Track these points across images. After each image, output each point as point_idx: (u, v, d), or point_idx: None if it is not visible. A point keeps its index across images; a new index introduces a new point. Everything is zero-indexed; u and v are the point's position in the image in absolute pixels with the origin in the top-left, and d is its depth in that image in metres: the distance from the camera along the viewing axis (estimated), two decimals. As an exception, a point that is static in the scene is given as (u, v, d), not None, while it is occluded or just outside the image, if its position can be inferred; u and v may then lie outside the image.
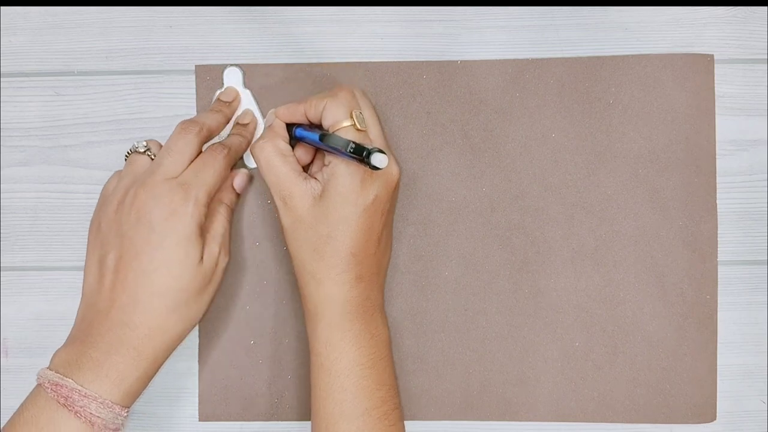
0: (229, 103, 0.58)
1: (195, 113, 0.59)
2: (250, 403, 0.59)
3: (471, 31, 0.59)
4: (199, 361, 0.59)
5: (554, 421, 0.58)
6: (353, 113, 0.52)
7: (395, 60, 0.59)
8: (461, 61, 0.59)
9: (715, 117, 0.58)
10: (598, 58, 0.58)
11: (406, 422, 0.58)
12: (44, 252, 0.60)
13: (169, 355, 0.53)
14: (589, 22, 0.59)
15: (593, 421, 0.58)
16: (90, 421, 0.49)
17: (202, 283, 0.53)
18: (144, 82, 0.60)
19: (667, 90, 0.58)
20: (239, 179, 0.58)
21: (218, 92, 0.59)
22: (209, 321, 0.59)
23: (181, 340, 0.54)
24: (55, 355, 0.52)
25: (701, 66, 0.58)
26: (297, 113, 0.55)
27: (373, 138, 0.54)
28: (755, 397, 0.59)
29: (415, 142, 0.59)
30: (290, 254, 0.54)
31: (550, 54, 0.59)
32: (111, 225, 0.53)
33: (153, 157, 0.55)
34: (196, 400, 0.59)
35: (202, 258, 0.53)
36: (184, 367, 0.59)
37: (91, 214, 0.58)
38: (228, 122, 0.58)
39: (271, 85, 0.59)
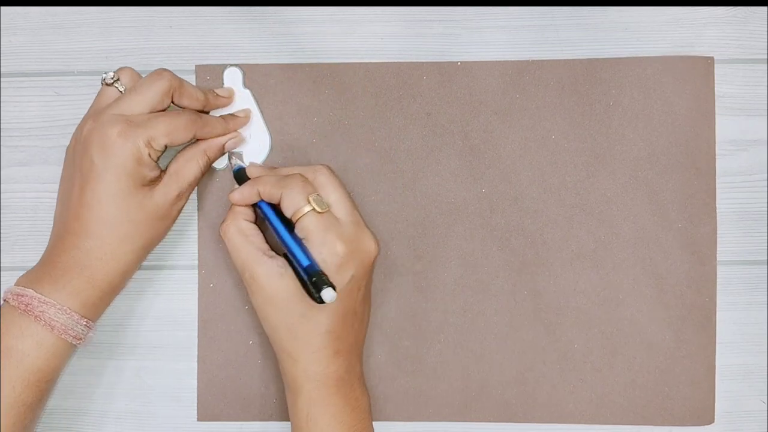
0: (220, 96, 0.58)
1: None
2: (248, 403, 0.59)
3: (471, 31, 0.59)
4: (197, 361, 0.59)
5: (553, 422, 0.58)
6: (310, 198, 0.52)
7: (395, 60, 0.59)
8: (461, 62, 0.59)
9: (714, 120, 0.58)
10: (598, 60, 0.58)
11: (404, 423, 0.59)
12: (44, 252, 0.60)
13: (127, 280, 0.56)
14: (589, 22, 0.59)
15: (591, 423, 0.58)
16: (50, 325, 0.51)
17: (152, 215, 0.54)
18: (144, 82, 0.60)
19: (667, 92, 0.58)
20: (231, 142, 0.58)
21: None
22: (208, 321, 0.59)
23: (136, 267, 0.56)
24: (23, 275, 0.54)
25: (701, 68, 0.58)
26: (251, 197, 0.55)
27: (342, 216, 0.53)
28: (755, 398, 0.59)
29: (414, 143, 0.59)
30: (266, 332, 0.55)
31: (550, 54, 0.59)
32: (70, 155, 0.55)
33: (122, 90, 0.55)
34: (195, 400, 0.59)
35: (153, 194, 0.54)
36: (183, 367, 0.60)
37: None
38: (202, 107, 0.57)
39: (271, 85, 0.59)
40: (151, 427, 0.60)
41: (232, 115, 0.58)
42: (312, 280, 0.50)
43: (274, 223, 0.54)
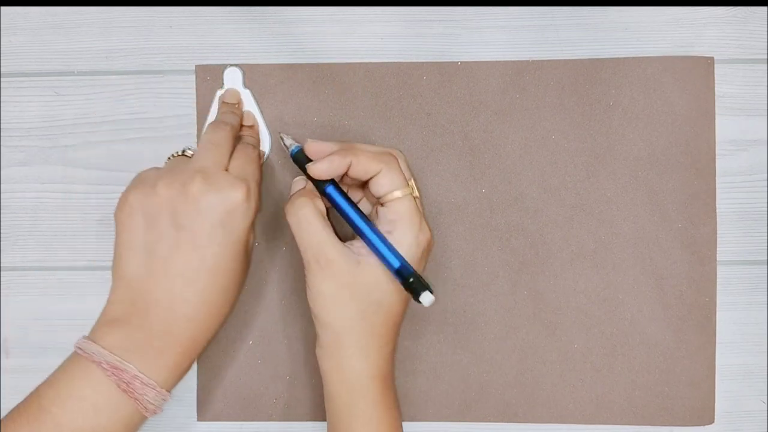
0: (235, 105, 0.58)
1: (195, 113, 0.59)
2: (248, 403, 0.59)
3: (471, 31, 0.59)
4: (198, 361, 0.59)
5: (552, 422, 0.58)
6: (410, 181, 0.52)
7: (395, 60, 0.59)
8: (461, 62, 0.59)
9: (715, 120, 0.58)
10: (598, 60, 0.58)
11: (404, 423, 0.59)
12: (44, 252, 0.60)
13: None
14: (589, 22, 0.59)
15: (591, 423, 0.58)
16: (145, 408, 0.49)
17: (246, 270, 0.54)
18: (144, 82, 0.60)
19: (667, 92, 0.58)
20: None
21: (218, 92, 0.59)
22: (209, 321, 0.59)
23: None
24: (102, 332, 0.50)
25: (701, 69, 0.58)
26: (339, 167, 0.52)
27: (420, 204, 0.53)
28: (755, 398, 0.59)
29: (414, 143, 0.59)
30: (323, 323, 0.52)
31: (550, 54, 0.59)
32: (161, 210, 0.50)
33: (190, 155, 0.55)
34: (195, 400, 0.59)
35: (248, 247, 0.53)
36: (184, 368, 0.60)
37: (91, 214, 0.58)
38: (241, 122, 0.58)
39: (271, 85, 0.59)
40: (151, 427, 0.60)
41: (248, 127, 0.59)
42: (410, 283, 0.49)
43: (349, 213, 0.52)
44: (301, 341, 0.59)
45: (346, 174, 0.52)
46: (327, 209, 0.53)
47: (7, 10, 0.60)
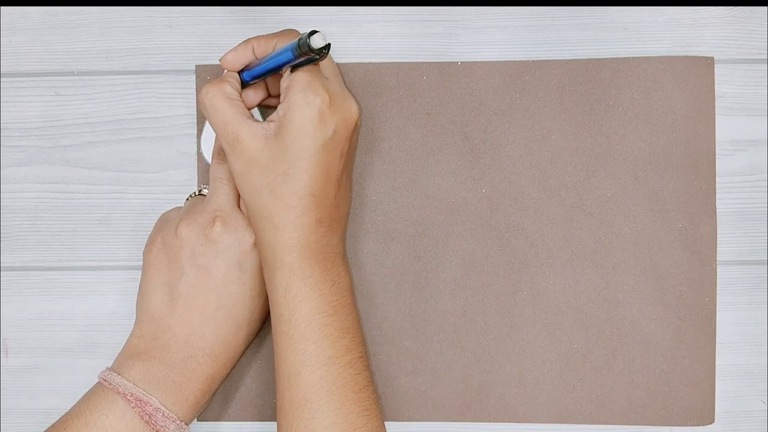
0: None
1: (195, 113, 0.59)
2: (248, 403, 0.59)
3: (471, 32, 0.59)
4: (198, 361, 0.59)
5: (552, 422, 0.58)
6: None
7: (395, 60, 0.59)
8: (461, 62, 0.59)
9: (714, 120, 0.58)
10: (598, 60, 0.58)
11: (404, 423, 0.59)
12: (44, 252, 0.60)
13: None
14: (589, 22, 0.59)
15: (591, 423, 0.58)
16: None
17: (264, 311, 0.56)
18: (144, 82, 0.60)
19: (667, 92, 0.58)
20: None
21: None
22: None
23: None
24: (126, 365, 0.53)
25: (701, 68, 0.58)
26: (245, 55, 0.54)
27: (328, 74, 0.53)
28: (755, 398, 0.59)
29: (414, 143, 0.59)
30: (244, 201, 0.53)
31: (550, 54, 0.59)
32: (183, 251, 0.54)
33: (205, 193, 0.58)
34: (196, 400, 0.60)
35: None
36: (184, 368, 0.60)
37: (91, 214, 0.58)
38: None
39: (271, 85, 0.59)
40: (151, 427, 0.60)
41: None
42: (299, 43, 0.48)
43: (261, 68, 0.53)
44: (301, 341, 0.59)
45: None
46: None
47: (7, 10, 0.60)
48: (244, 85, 0.55)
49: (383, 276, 0.59)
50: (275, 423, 0.59)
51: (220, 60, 0.54)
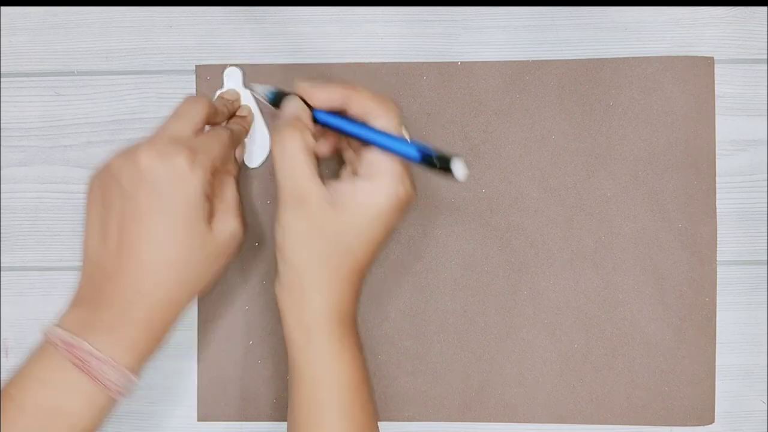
0: (231, 101, 0.58)
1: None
2: (248, 403, 0.59)
3: (471, 32, 0.59)
4: (197, 361, 0.59)
5: (552, 422, 0.58)
6: (403, 128, 0.51)
7: (395, 60, 0.59)
8: (461, 62, 0.59)
9: (715, 120, 0.58)
10: (598, 60, 0.58)
11: (404, 423, 0.59)
12: (44, 252, 0.60)
13: (176, 325, 0.52)
14: (589, 22, 0.59)
15: (591, 423, 0.58)
16: (105, 385, 0.48)
17: (213, 254, 0.51)
18: (144, 82, 0.60)
19: (667, 92, 0.58)
20: (239, 151, 0.57)
21: (218, 92, 0.59)
22: (208, 321, 0.59)
23: (186, 310, 0.52)
24: (64, 313, 0.50)
25: (701, 68, 0.58)
26: (333, 98, 0.51)
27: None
28: (755, 398, 0.59)
29: (414, 143, 0.59)
30: (288, 260, 0.51)
31: (550, 54, 0.59)
32: (112, 182, 0.50)
33: None
34: (195, 400, 0.59)
35: (212, 228, 0.51)
36: (183, 367, 0.60)
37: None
38: (230, 117, 0.57)
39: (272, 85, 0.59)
40: (151, 427, 0.60)
41: (241, 117, 0.58)
42: (439, 160, 0.47)
43: (347, 125, 0.50)
44: (301, 341, 0.59)
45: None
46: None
47: (7, 10, 0.60)
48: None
49: (383, 276, 0.59)
50: (275, 423, 0.59)
51: (304, 90, 0.51)
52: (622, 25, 0.59)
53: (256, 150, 0.59)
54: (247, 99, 0.59)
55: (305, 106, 0.52)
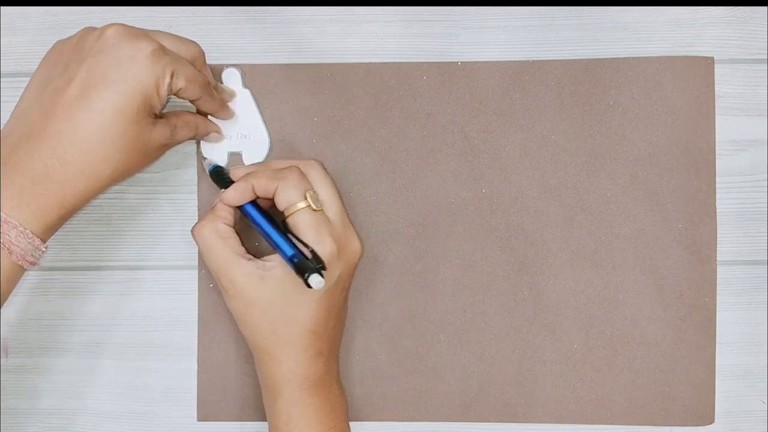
0: (221, 87, 0.57)
1: (195, 113, 0.59)
2: (248, 403, 0.59)
3: (471, 32, 0.59)
4: (197, 362, 0.59)
5: (552, 422, 0.58)
6: (307, 194, 0.51)
7: (395, 60, 0.59)
8: (461, 62, 0.59)
9: (714, 120, 0.58)
10: (598, 60, 0.58)
11: (404, 423, 0.59)
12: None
13: (91, 201, 0.51)
14: (589, 22, 0.59)
15: (591, 423, 0.58)
16: (9, 249, 0.46)
17: (142, 150, 0.50)
18: (144, 82, 0.60)
19: (667, 92, 0.58)
20: (214, 135, 0.57)
21: (218, 92, 0.59)
22: (208, 321, 0.59)
23: (101, 192, 0.50)
24: None
25: (701, 68, 0.58)
26: (246, 194, 0.53)
27: (332, 216, 0.53)
28: (755, 398, 0.59)
29: (414, 143, 0.59)
30: (243, 334, 0.54)
31: (550, 54, 0.59)
32: (73, 47, 0.50)
33: None
34: (195, 400, 0.59)
35: (153, 127, 0.50)
36: (183, 368, 0.60)
37: (91, 214, 0.59)
38: (200, 88, 0.53)
39: (271, 85, 0.59)
40: (151, 427, 0.60)
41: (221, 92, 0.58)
42: (297, 266, 0.49)
43: (257, 219, 0.53)
44: (301, 341, 0.59)
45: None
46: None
47: (7, 10, 0.60)
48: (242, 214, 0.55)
49: (383, 276, 0.59)
50: (275, 423, 0.59)
51: (221, 199, 0.53)
52: (622, 25, 0.59)
53: (254, 149, 0.59)
54: (246, 99, 0.59)
55: (223, 205, 0.54)
